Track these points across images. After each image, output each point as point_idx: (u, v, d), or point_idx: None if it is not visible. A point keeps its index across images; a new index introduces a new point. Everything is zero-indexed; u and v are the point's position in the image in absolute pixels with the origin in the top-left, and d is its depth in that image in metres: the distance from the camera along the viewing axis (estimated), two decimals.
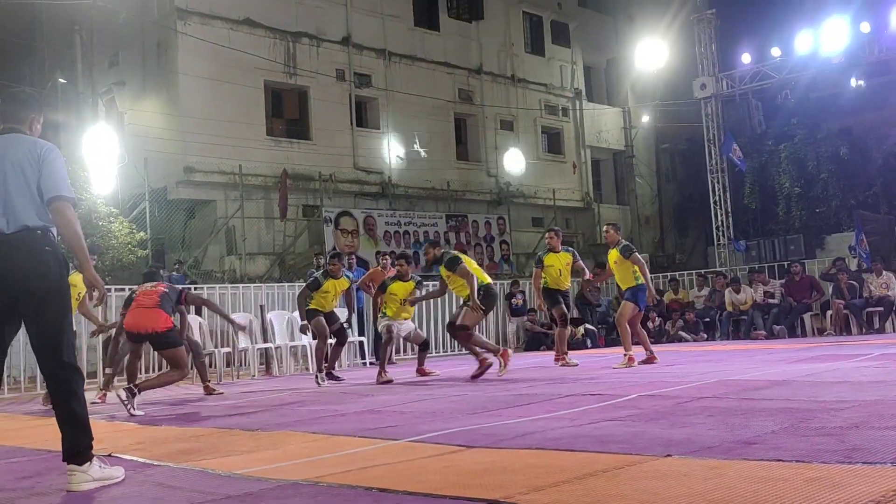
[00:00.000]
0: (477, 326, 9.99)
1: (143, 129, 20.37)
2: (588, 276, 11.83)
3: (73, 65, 19.71)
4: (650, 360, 10.33)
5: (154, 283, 8.77)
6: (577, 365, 10.69)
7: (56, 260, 4.10)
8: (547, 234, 11.53)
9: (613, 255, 10.74)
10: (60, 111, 19.96)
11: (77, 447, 4.01)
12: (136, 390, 7.60)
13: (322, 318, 10.45)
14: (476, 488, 3.38)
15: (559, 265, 11.06)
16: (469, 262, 9.62)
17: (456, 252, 9.89)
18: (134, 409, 7.40)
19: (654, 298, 10.41)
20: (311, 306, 10.48)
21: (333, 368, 10.71)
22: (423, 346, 10.95)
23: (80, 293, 8.75)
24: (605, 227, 11.44)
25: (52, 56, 23.30)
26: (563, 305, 11.10)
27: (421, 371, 10.64)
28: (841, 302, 15.38)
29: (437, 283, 10.49)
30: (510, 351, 9.39)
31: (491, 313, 13.00)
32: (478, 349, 9.70)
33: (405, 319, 10.71)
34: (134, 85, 21.58)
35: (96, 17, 19.69)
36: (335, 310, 10.91)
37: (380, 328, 10.58)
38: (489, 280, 9.89)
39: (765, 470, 3.35)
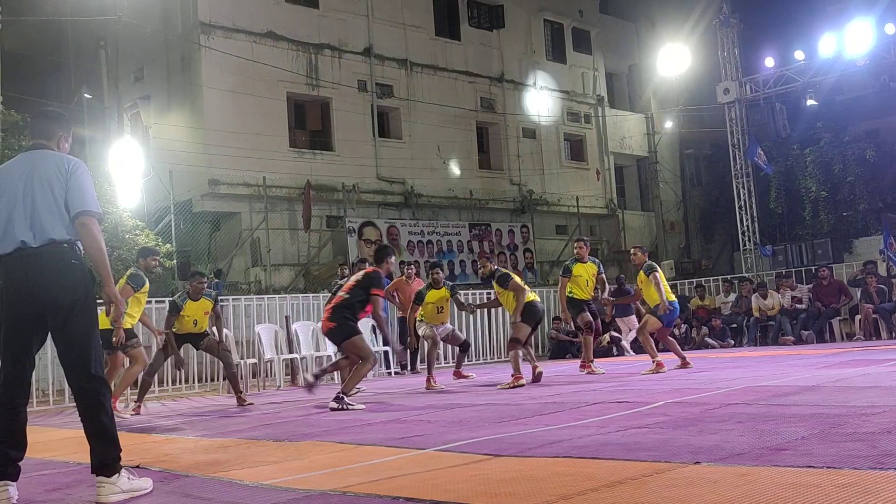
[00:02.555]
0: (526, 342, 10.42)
1: (167, 142, 20.57)
2: (606, 292, 12.17)
3: (98, 80, 19.93)
4: (684, 364, 10.47)
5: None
6: (603, 373, 10.65)
7: (83, 273, 4.15)
8: (576, 244, 11.58)
9: (641, 276, 11.04)
10: (86, 126, 20.21)
11: (105, 459, 4.04)
12: (341, 394, 8.07)
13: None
14: (504, 497, 3.37)
15: (586, 275, 11.15)
16: (516, 279, 10.21)
17: (506, 269, 10.74)
18: (352, 405, 7.97)
19: (667, 308, 10.70)
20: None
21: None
22: (463, 348, 11.49)
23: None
24: (632, 250, 11.82)
25: (78, 71, 23.60)
26: (588, 313, 11.15)
27: (457, 373, 11.17)
28: (870, 306, 15.20)
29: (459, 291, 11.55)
30: (524, 381, 9.59)
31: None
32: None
33: (443, 323, 11.00)
34: (159, 99, 21.80)
35: (121, 33, 19.91)
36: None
37: (422, 333, 10.91)
38: (532, 297, 10.19)
39: (795, 476, 3.31)
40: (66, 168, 4.19)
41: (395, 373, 14.24)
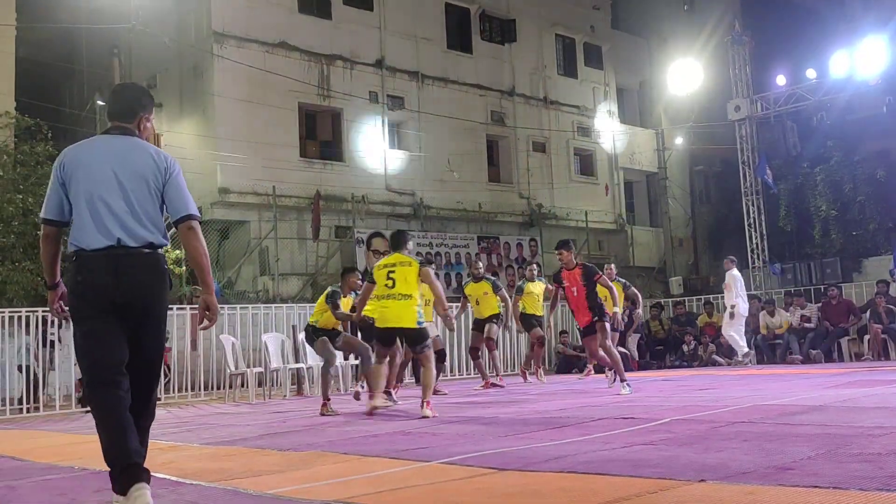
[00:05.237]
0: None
1: (178, 150, 20.57)
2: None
3: (111, 87, 20.03)
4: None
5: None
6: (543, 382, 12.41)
7: (169, 282, 3.94)
8: (528, 268, 13.54)
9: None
10: (99, 132, 20.29)
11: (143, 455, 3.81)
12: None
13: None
14: None
15: (537, 292, 12.86)
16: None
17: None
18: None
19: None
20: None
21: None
22: (440, 357, 11.06)
23: None
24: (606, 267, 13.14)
25: (92, 78, 23.74)
26: (539, 328, 12.79)
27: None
28: (879, 326, 15.13)
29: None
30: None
31: (523, 335, 15.39)
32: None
33: (430, 322, 10.91)
34: (171, 107, 21.89)
35: (135, 41, 20.05)
36: None
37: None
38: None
39: (801, 496, 3.30)
40: (166, 166, 3.92)
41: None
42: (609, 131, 28.89)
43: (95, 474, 5.00)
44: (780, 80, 21.08)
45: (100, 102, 21.22)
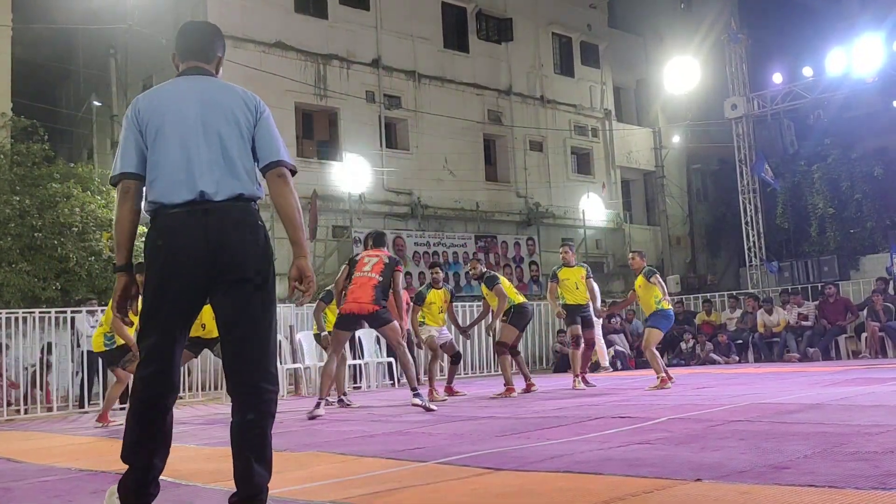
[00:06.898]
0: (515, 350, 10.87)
1: None
2: (598, 302, 11.68)
3: (107, 87, 20.02)
4: (664, 382, 10.01)
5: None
6: (593, 387, 10.67)
7: (269, 240, 3.41)
8: (561, 249, 11.51)
9: (640, 280, 10.72)
10: (95, 134, 20.27)
11: (264, 485, 3.34)
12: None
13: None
14: None
15: (574, 278, 11.01)
16: (504, 283, 10.50)
17: (495, 273, 10.95)
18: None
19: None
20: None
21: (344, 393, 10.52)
22: (455, 359, 11.10)
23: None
24: (630, 255, 11.37)
25: (88, 79, 23.70)
26: (579, 325, 10.90)
27: (449, 389, 10.77)
28: (876, 324, 15.14)
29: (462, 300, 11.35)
30: (515, 391, 10.08)
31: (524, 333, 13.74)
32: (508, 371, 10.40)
33: (442, 326, 10.96)
34: None
35: (131, 41, 20.02)
36: None
37: (424, 337, 10.62)
38: (522, 300, 10.66)
39: (797, 495, 3.30)
40: (255, 104, 3.40)
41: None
42: (606, 130, 28.91)
43: (92, 475, 5.00)
44: (777, 77, 21.09)
45: (96, 103, 21.18)
